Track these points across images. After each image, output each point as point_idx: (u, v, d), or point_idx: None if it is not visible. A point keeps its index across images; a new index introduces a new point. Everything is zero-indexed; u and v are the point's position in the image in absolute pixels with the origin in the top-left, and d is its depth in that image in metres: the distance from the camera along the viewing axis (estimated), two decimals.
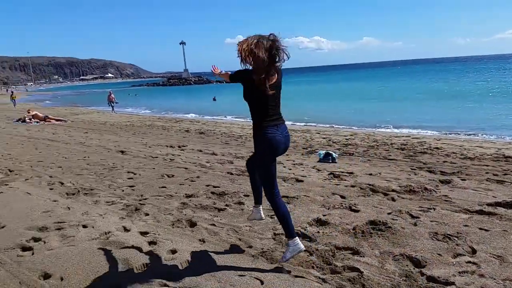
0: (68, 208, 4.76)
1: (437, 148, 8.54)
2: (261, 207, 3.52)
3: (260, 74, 2.81)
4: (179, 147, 9.55)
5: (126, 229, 3.97)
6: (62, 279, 3.02)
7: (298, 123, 17.72)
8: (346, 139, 10.66)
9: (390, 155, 7.76)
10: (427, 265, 3.01)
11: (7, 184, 6.10)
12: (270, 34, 2.89)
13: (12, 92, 40.42)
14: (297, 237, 3.06)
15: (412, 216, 4.07)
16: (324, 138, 11.04)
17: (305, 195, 4.94)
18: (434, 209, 4.28)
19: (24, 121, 18.11)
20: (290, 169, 6.62)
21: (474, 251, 3.22)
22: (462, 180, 5.52)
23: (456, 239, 3.42)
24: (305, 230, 3.77)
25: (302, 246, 3.04)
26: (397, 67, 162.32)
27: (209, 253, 3.35)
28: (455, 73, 68.55)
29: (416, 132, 13.63)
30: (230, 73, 3.17)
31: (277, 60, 2.89)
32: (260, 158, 3.00)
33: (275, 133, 2.91)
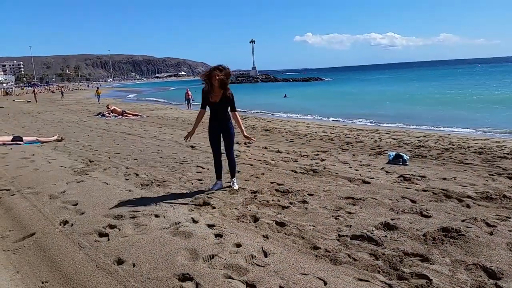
0: (142, 198, 5.07)
1: None
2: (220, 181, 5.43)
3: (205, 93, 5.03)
4: (244, 143, 9.71)
5: (194, 221, 4.13)
6: (134, 265, 3.20)
7: (365, 122, 17.24)
8: (418, 140, 10.17)
9: (466, 159, 7.27)
10: (504, 278, 2.80)
11: (88, 174, 6.59)
12: (218, 65, 4.83)
13: (97, 88, 43.72)
14: (220, 181, 5.39)
15: (488, 225, 3.80)
16: (394, 139, 10.62)
17: (372, 198, 4.80)
18: None
19: (103, 115, 19.45)
20: (356, 170, 6.46)
21: None
22: None
23: None
24: (371, 233, 3.66)
25: (222, 185, 5.38)
26: (478, 65, 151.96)
27: (272, 249, 3.39)
28: None
29: (495, 135, 12.62)
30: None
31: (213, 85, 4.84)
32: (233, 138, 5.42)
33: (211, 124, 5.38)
